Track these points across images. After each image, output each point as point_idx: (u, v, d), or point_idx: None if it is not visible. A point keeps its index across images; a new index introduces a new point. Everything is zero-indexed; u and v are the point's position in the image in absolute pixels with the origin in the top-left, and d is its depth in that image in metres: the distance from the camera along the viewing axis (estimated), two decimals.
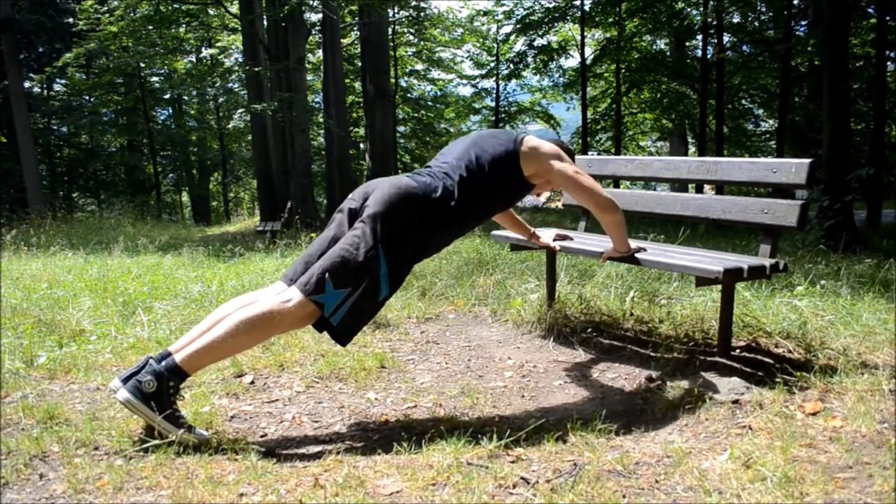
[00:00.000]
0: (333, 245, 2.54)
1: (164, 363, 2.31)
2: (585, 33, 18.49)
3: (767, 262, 2.85)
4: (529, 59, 19.65)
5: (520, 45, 20.10)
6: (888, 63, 13.96)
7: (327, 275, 2.39)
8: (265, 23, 14.18)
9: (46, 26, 19.29)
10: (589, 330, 3.70)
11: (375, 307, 2.57)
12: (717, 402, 2.56)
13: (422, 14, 19.28)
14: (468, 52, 24.30)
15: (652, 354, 3.23)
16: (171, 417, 2.26)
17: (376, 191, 2.61)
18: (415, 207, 2.57)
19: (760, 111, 21.10)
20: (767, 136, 21.02)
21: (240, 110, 22.41)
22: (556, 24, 19.07)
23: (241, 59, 19.81)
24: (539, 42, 19.36)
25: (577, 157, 4.36)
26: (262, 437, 2.50)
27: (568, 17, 18.61)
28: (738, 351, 3.12)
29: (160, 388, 2.26)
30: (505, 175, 2.75)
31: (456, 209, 2.64)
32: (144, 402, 2.24)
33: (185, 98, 25.83)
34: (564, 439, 2.32)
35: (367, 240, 2.46)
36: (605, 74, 20.59)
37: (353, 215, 2.62)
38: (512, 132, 2.85)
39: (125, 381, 2.28)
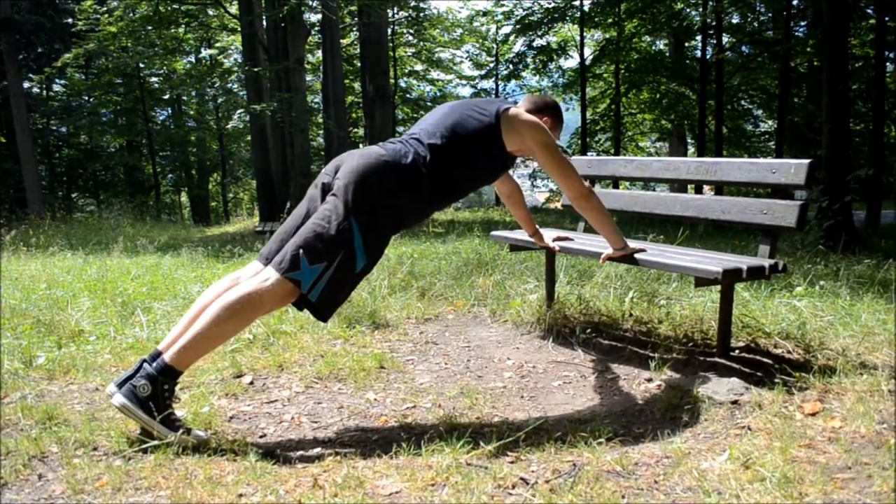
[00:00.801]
0: (307, 221, 2.51)
1: (155, 364, 2.29)
2: (585, 34, 18.53)
3: (766, 262, 2.85)
4: (529, 60, 19.68)
5: (519, 45, 20.15)
6: (887, 63, 13.98)
7: (301, 251, 2.36)
8: (264, 23, 14.18)
9: (46, 27, 19.28)
10: (588, 330, 3.70)
11: (354, 280, 2.52)
12: (716, 403, 2.56)
13: (421, 14, 19.31)
14: (467, 52, 24.36)
15: (651, 355, 3.23)
16: (167, 420, 2.25)
17: (345, 163, 2.57)
18: (385, 175, 2.51)
19: (760, 112, 21.13)
20: (767, 136, 21.05)
21: (239, 111, 22.44)
22: (555, 25, 19.10)
23: (240, 60, 19.82)
24: (538, 42, 19.40)
25: (576, 157, 4.37)
26: (261, 437, 2.50)
27: (567, 18, 18.64)
28: (737, 351, 3.12)
29: (155, 391, 2.25)
30: (485, 148, 2.68)
31: (428, 174, 2.58)
32: (140, 407, 2.23)
33: (185, 98, 25.84)
34: (563, 440, 2.32)
35: (338, 212, 2.42)
36: (605, 75, 20.62)
37: (326, 190, 2.58)
38: (495, 102, 2.75)
39: (120, 385, 2.28)
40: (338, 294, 2.48)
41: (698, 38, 16.94)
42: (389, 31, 19.40)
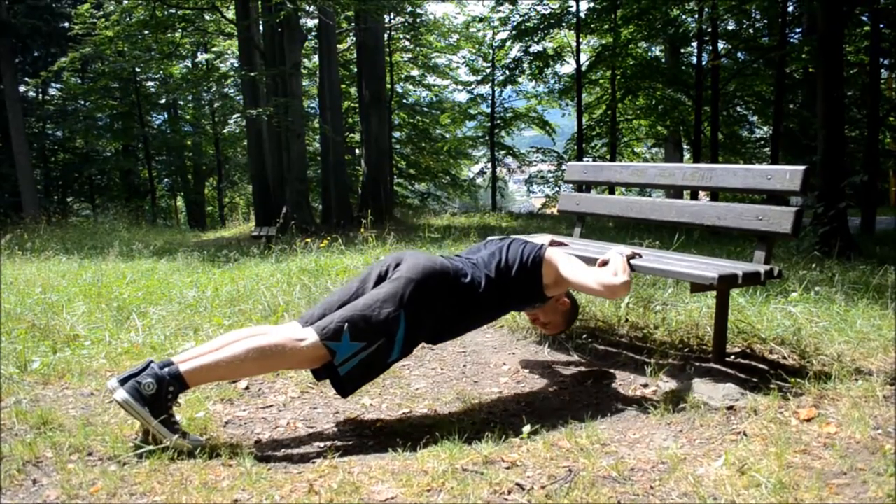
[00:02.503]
0: (355, 298, 2.64)
1: (167, 369, 2.32)
2: (581, 40, 18.55)
3: (762, 268, 2.85)
4: (525, 66, 19.68)
5: (515, 51, 20.13)
6: (882, 70, 14.04)
7: (346, 325, 2.46)
8: (261, 28, 14.18)
9: (42, 30, 19.24)
10: (584, 336, 3.71)
11: (383, 367, 2.63)
12: (711, 409, 2.57)
13: (418, 20, 19.31)
14: (464, 57, 24.35)
15: (647, 360, 3.23)
16: (166, 422, 2.26)
17: (410, 258, 2.73)
18: (445, 284, 2.70)
19: (755, 118, 21.17)
20: (762, 142, 21.09)
21: (235, 115, 22.41)
22: (551, 31, 19.10)
23: (236, 64, 19.83)
24: (535, 48, 19.39)
25: (572, 163, 4.37)
26: (256, 442, 2.49)
27: (563, 24, 18.65)
28: (732, 357, 3.13)
29: (159, 393, 2.26)
30: (526, 279, 2.89)
31: (480, 298, 2.78)
32: (142, 405, 2.24)
33: (181, 103, 25.82)
34: (559, 445, 2.32)
35: (393, 300, 2.54)
36: (601, 81, 20.65)
37: (381, 276, 2.73)
38: (537, 244, 3.02)
39: (123, 382, 2.28)
40: (366, 375, 2.58)
41: (694, 44, 16.96)
42: (386, 36, 19.41)
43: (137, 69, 20.61)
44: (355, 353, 2.47)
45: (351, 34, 19.60)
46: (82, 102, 23.24)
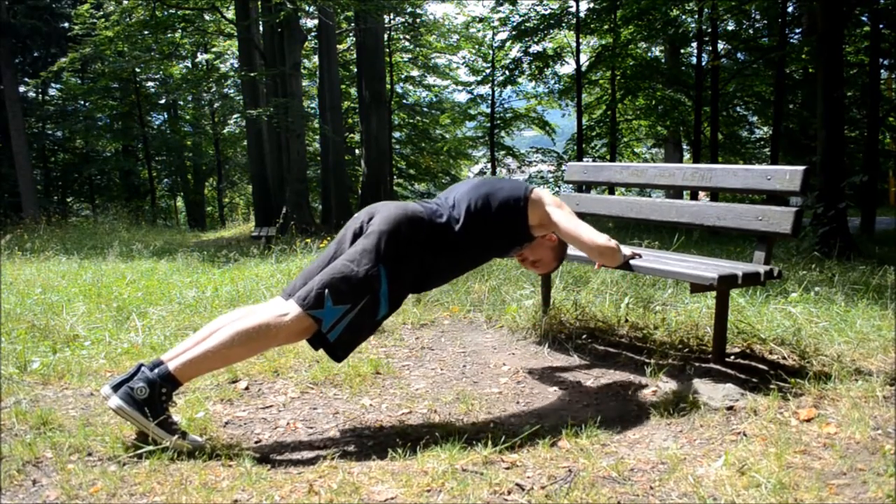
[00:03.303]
0: (334, 261, 2.55)
1: (156, 371, 2.29)
2: (581, 40, 18.55)
3: (762, 268, 2.86)
4: (525, 66, 19.70)
5: (515, 51, 20.15)
6: (881, 71, 14.04)
7: (327, 290, 2.39)
8: (261, 28, 14.19)
9: (42, 31, 19.26)
10: (584, 336, 3.71)
11: (373, 325, 2.57)
12: (711, 409, 2.57)
13: (417, 20, 19.32)
14: (464, 58, 24.37)
15: (647, 361, 3.23)
16: (163, 424, 2.25)
17: (381, 210, 2.63)
18: (419, 230, 2.59)
19: (755, 118, 21.19)
20: (762, 143, 21.11)
21: (235, 115, 22.42)
22: (551, 31, 19.12)
23: (236, 65, 19.83)
24: (534, 49, 19.41)
25: (572, 163, 4.38)
26: (256, 443, 2.49)
27: (563, 24, 18.67)
28: (732, 357, 3.13)
29: (152, 395, 2.25)
30: (510, 219, 2.77)
31: (458, 238, 2.67)
32: (137, 409, 2.23)
33: (181, 103, 25.83)
34: (559, 445, 2.32)
35: (369, 256, 2.46)
36: (601, 81, 20.67)
37: (356, 234, 2.63)
38: (522, 182, 2.89)
39: (116, 388, 2.27)
40: (356, 337, 2.52)
41: (694, 44, 16.98)
42: (386, 36, 19.43)
43: (137, 69, 20.61)
44: (341, 317, 2.40)
45: (351, 34, 19.62)
46: (82, 103, 23.25)
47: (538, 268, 3.13)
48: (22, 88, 19.59)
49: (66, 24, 19.18)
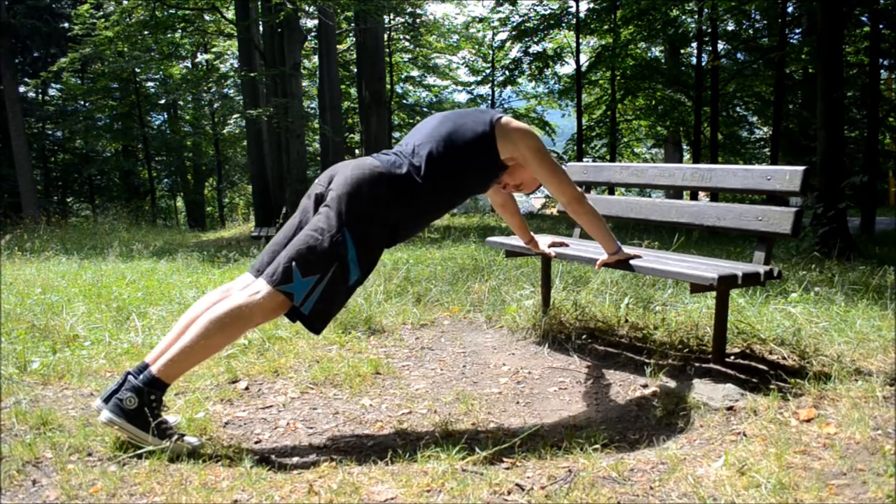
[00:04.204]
0: (300, 232, 2.49)
1: (141, 377, 2.27)
2: (581, 40, 18.55)
3: (762, 268, 2.85)
4: (525, 66, 19.70)
5: (515, 51, 20.16)
6: (881, 71, 14.04)
7: (294, 263, 2.34)
8: (261, 28, 14.19)
9: (42, 31, 19.27)
10: (584, 336, 3.71)
11: (347, 292, 2.48)
12: (711, 409, 2.57)
13: (418, 21, 19.33)
14: (464, 58, 24.42)
15: (647, 361, 3.23)
16: (158, 429, 2.24)
17: (339, 173, 2.55)
18: (379, 186, 2.48)
19: (755, 118, 21.19)
20: (762, 143, 21.11)
21: (235, 116, 22.42)
22: (551, 32, 19.13)
23: (236, 65, 19.83)
24: (534, 49, 19.42)
25: (572, 163, 4.38)
26: (256, 443, 2.49)
27: (563, 25, 18.68)
28: (732, 357, 3.13)
29: (142, 403, 2.23)
30: (479, 156, 2.63)
31: (423, 186, 2.54)
32: (128, 420, 2.22)
33: (181, 103, 25.81)
34: (559, 446, 2.32)
35: (331, 223, 2.40)
36: (601, 81, 20.66)
37: (319, 200, 2.56)
38: (487, 111, 2.70)
39: (106, 400, 2.26)
40: (331, 306, 2.45)
41: (693, 45, 16.99)
42: (386, 36, 19.43)
43: (137, 69, 20.59)
44: (312, 289, 2.35)
45: (351, 34, 19.62)
46: (82, 103, 23.25)
47: (523, 188, 3.00)
48: (22, 88, 19.59)
49: (66, 24, 19.19)
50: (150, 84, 24.55)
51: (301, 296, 2.34)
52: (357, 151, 20.11)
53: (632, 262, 3.00)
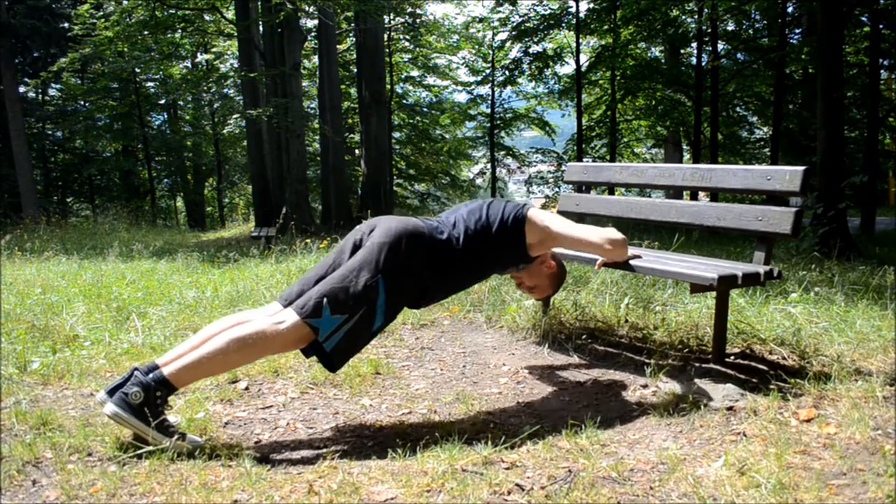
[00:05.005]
0: (333, 271, 2.58)
1: (151, 375, 2.29)
2: (581, 40, 18.54)
3: (762, 268, 2.85)
4: (525, 66, 19.68)
5: (515, 51, 20.14)
6: (881, 71, 14.04)
7: (325, 299, 2.41)
8: (261, 28, 14.19)
9: (42, 31, 19.27)
10: (584, 336, 3.71)
11: (368, 336, 2.59)
12: (711, 409, 2.57)
13: (417, 21, 19.33)
14: (463, 58, 24.38)
15: (646, 361, 3.23)
16: (160, 427, 2.25)
17: (383, 223, 2.67)
18: (419, 244, 2.62)
19: (755, 118, 21.20)
20: (762, 143, 21.11)
21: (235, 116, 22.42)
22: (551, 32, 19.11)
23: (236, 65, 19.82)
24: (534, 49, 19.40)
25: (572, 163, 4.38)
26: (256, 443, 2.49)
27: (563, 25, 18.66)
28: (732, 357, 3.13)
29: (147, 399, 2.25)
30: (508, 238, 2.81)
31: (459, 256, 2.71)
32: (133, 414, 2.23)
33: (181, 103, 25.81)
34: (559, 446, 2.32)
35: (368, 268, 2.50)
36: (601, 81, 20.65)
37: (357, 245, 2.67)
38: (520, 202, 2.95)
39: (111, 393, 2.27)
40: (352, 347, 2.53)
41: (694, 45, 16.98)
42: (386, 36, 19.42)
43: (137, 70, 20.59)
44: (338, 327, 2.43)
45: (351, 35, 19.62)
46: (82, 103, 23.25)
47: (535, 293, 3.23)
48: (22, 88, 19.60)
49: (66, 24, 19.18)
50: (150, 84, 24.55)
51: (326, 332, 2.42)
52: (357, 151, 20.10)
53: (632, 262, 3.00)
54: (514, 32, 19.19)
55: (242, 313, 2.64)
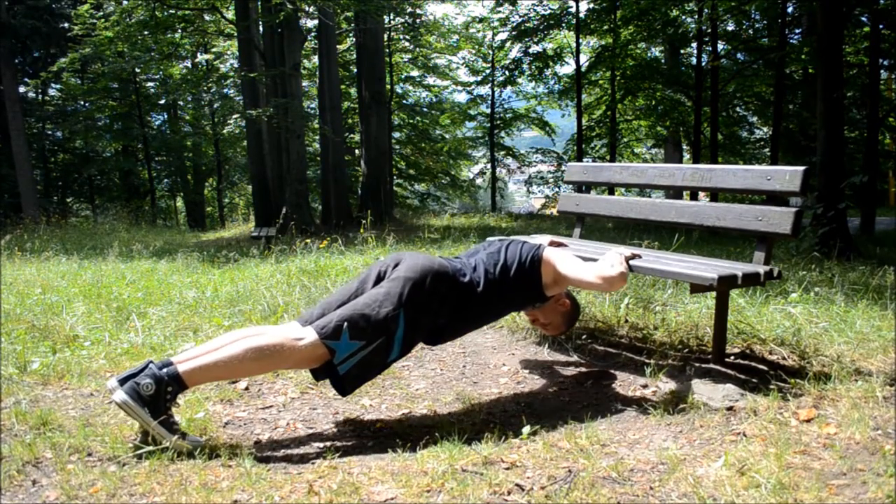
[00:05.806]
0: (355, 298, 2.65)
1: (165, 370, 2.32)
2: (581, 40, 18.54)
3: (762, 269, 2.86)
4: (525, 66, 19.68)
5: (515, 51, 20.14)
6: (881, 71, 14.04)
7: (346, 324, 2.47)
8: (261, 28, 14.18)
9: (42, 31, 19.25)
10: (584, 336, 3.71)
11: (383, 366, 2.64)
12: (711, 409, 2.57)
13: (417, 21, 19.31)
14: (463, 58, 24.37)
15: (646, 361, 3.23)
16: (165, 423, 2.27)
17: (409, 258, 2.75)
18: (443, 283, 2.70)
19: (755, 119, 21.19)
20: (762, 143, 21.10)
21: (235, 116, 22.41)
22: (551, 32, 19.12)
23: (236, 65, 19.82)
24: (534, 49, 19.41)
25: (572, 164, 4.38)
26: (256, 443, 2.49)
27: (563, 25, 18.66)
28: (732, 358, 3.13)
29: (158, 393, 2.27)
30: (526, 279, 2.91)
31: (479, 297, 2.80)
32: (141, 405, 2.25)
33: (181, 103, 25.80)
34: (559, 446, 2.32)
35: (391, 300, 2.56)
36: (600, 81, 20.64)
37: (381, 276, 2.75)
38: (535, 244, 3.05)
39: (122, 382, 2.28)
40: (365, 374, 2.59)
41: (694, 45, 16.97)
42: (386, 36, 19.42)
43: (137, 70, 20.57)
44: (355, 352, 2.48)
45: (351, 35, 19.60)
46: (82, 103, 23.24)
47: (548, 329, 3.31)
48: (22, 88, 19.57)
49: (66, 25, 19.16)
50: (150, 84, 24.53)
51: (342, 356, 2.47)
52: (357, 151, 20.09)
53: (632, 262, 3.00)
54: (514, 32, 19.20)
55: (262, 327, 2.71)
